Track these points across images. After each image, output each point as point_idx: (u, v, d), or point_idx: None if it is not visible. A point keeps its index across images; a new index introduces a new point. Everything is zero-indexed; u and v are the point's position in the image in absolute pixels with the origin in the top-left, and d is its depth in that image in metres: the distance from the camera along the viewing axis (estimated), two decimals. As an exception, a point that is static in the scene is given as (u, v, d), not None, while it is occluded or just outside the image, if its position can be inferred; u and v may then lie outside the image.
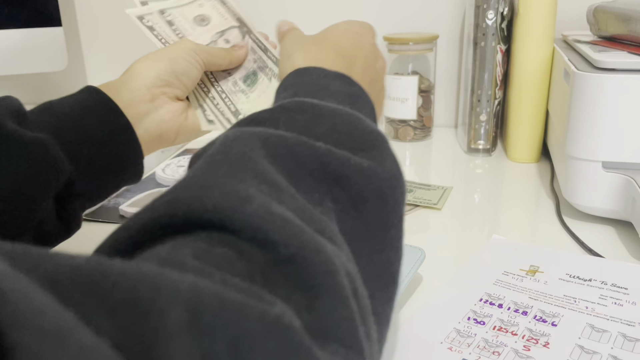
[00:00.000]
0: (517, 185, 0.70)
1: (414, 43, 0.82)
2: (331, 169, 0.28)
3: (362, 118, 0.33)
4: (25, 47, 0.79)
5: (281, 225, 0.23)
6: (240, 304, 0.19)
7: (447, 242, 0.56)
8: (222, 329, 0.18)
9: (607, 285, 0.45)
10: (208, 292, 0.19)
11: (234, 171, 0.25)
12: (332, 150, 0.29)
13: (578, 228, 0.56)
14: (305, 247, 0.23)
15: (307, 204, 0.26)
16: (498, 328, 0.41)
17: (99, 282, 0.17)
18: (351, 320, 0.23)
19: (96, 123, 0.44)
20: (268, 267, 0.22)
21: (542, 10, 0.70)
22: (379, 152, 0.31)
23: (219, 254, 0.22)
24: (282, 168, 0.27)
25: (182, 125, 0.51)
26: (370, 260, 0.28)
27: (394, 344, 0.40)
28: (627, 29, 0.58)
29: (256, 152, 0.27)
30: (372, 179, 0.29)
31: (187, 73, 0.50)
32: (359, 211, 0.29)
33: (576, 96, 0.55)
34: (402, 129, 0.86)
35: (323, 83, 0.37)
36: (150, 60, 0.49)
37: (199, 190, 0.24)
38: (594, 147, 0.55)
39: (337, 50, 0.42)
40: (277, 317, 0.19)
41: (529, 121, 0.74)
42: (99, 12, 0.99)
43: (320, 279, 0.23)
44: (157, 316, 0.17)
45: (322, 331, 0.22)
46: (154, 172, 0.75)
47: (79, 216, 0.45)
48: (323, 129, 0.31)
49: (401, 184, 0.32)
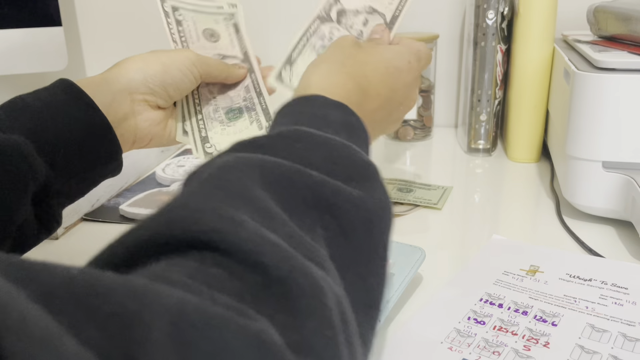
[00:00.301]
0: (517, 185, 0.70)
1: (414, 43, 0.82)
2: (323, 197, 0.30)
3: (356, 149, 0.34)
4: (25, 46, 0.79)
5: (272, 250, 0.24)
6: (222, 319, 0.20)
7: (447, 242, 0.56)
8: (203, 342, 0.19)
9: (607, 285, 0.45)
10: (193, 306, 0.19)
11: (230, 197, 0.26)
12: (325, 179, 0.30)
13: (578, 228, 0.56)
14: (295, 270, 0.24)
15: (298, 230, 0.27)
16: (498, 328, 0.41)
17: (90, 295, 0.18)
18: (335, 341, 0.24)
19: (73, 122, 0.43)
20: (258, 287, 0.23)
21: (542, 10, 0.70)
22: (370, 183, 0.33)
23: (211, 273, 0.23)
24: (276, 194, 0.28)
25: (157, 133, 0.51)
26: (355, 287, 0.29)
27: (394, 344, 0.40)
28: (627, 29, 0.58)
29: (252, 179, 0.28)
30: (362, 209, 0.31)
31: (177, 85, 0.49)
32: (348, 238, 0.30)
33: (576, 96, 0.55)
34: (402, 128, 0.86)
35: (322, 113, 0.37)
36: (142, 62, 0.48)
37: (195, 212, 0.25)
38: (594, 147, 0.55)
39: (360, 83, 0.42)
40: (258, 332, 0.20)
41: (529, 121, 0.74)
42: (99, 12, 0.99)
43: (306, 300, 0.23)
44: (143, 328, 0.18)
45: (305, 349, 0.22)
46: (154, 172, 0.75)
47: (58, 214, 0.44)
48: (318, 158, 0.32)
49: (389, 215, 0.33)
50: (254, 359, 0.19)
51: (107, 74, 0.47)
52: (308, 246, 0.27)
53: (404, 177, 0.71)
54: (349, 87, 0.42)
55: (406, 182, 0.69)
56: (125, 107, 0.47)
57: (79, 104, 0.44)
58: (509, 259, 0.50)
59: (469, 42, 0.78)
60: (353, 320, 0.27)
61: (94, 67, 1.02)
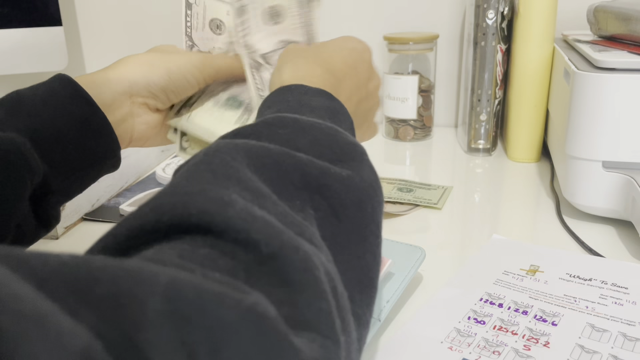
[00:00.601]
0: (517, 184, 0.70)
1: (414, 43, 0.82)
2: (312, 178, 0.30)
3: (341, 131, 0.35)
4: (25, 46, 0.79)
5: (262, 227, 0.24)
6: (216, 294, 0.20)
7: (447, 241, 0.56)
8: (199, 318, 0.19)
9: (607, 285, 0.45)
10: (186, 283, 0.19)
11: (217, 179, 0.26)
12: (312, 160, 0.30)
13: (578, 228, 0.56)
14: (285, 246, 0.24)
15: (289, 209, 0.27)
16: (498, 327, 0.41)
17: (82, 277, 0.18)
18: (328, 313, 0.24)
19: (70, 119, 0.43)
20: (250, 264, 0.23)
21: (542, 9, 0.70)
22: (357, 163, 0.33)
23: (202, 253, 0.23)
24: (265, 177, 0.28)
25: (154, 135, 0.50)
26: (349, 265, 0.29)
27: (394, 344, 0.40)
28: (627, 29, 0.58)
29: (239, 162, 0.28)
30: (351, 188, 0.31)
31: (179, 91, 0.49)
32: (339, 218, 0.30)
33: (576, 96, 0.55)
34: (402, 128, 0.86)
35: (304, 100, 0.38)
36: (148, 66, 0.47)
37: (183, 195, 0.25)
38: (594, 147, 0.55)
39: (326, 67, 0.43)
40: (252, 305, 0.20)
41: (529, 121, 0.74)
42: (100, 12, 0.99)
43: (299, 274, 0.24)
44: (137, 307, 0.18)
45: (300, 322, 0.23)
46: (154, 172, 0.75)
47: (57, 211, 0.44)
48: (304, 141, 0.32)
49: (378, 193, 0.33)
50: (250, 331, 0.20)
51: (110, 72, 0.46)
52: (299, 224, 0.27)
53: (404, 177, 0.71)
54: (319, 73, 0.42)
55: (406, 182, 0.69)
56: (125, 109, 0.46)
57: (77, 100, 0.43)
58: (509, 259, 0.50)
59: (469, 42, 0.78)
60: (345, 297, 0.27)
61: (94, 67, 1.02)
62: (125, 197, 0.67)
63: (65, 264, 0.18)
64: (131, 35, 0.99)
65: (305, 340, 0.22)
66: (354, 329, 0.27)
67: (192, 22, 0.53)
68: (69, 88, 0.44)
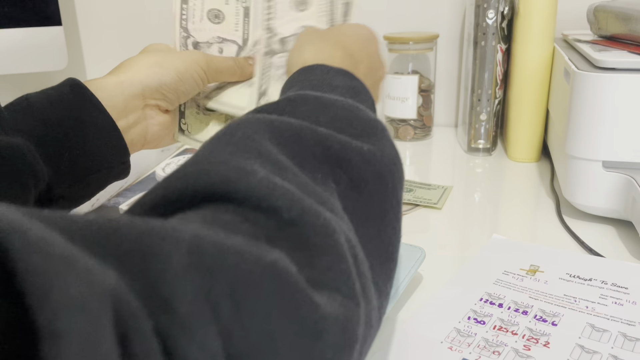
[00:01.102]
0: (517, 184, 0.70)
1: (414, 42, 0.82)
2: (333, 152, 0.30)
3: (362, 108, 0.35)
4: (25, 46, 0.79)
5: (283, 194, 0.25)
6: (238, 250, 0.20)
7: (447, 241, 0.56)
8: (221, 272, 0.19)
9: (607, 285, 0.45)
10: (209, 239, 0.20)
11: (239, 150, 0.27)
12: (333, 134, 0.31)
13: (578, 227, 0.56)
14: (306, 212, 0.24)
15: (310, 180, 0.28)
16: (498, 327, 0.41)
17: (109, 233, 0.19)
18: (349, 276, 0.25)
19: (79, 125, 0.42)
20: (271, 230, 0.24)
21: (543, 9, 0.70)
22: (378, 138, 0.33)
23: (225, 219, 0.23)
24: (286, 150, 0.29)
25: (165, 136, 0.51)
26: (369, 238, 0.30)
27: (394, 344, 0.40)
28: (627, 28, 0.58)
29: (261, 135, 0.28)
30: (372, 162, 0.31)
31: (188, 91, 0.49)
32: (360, 192, 0.30)
33: (576, 95, 0.55)
34: (402, 128, 0.86)
35: (326, 79, 0.38)
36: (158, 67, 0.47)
37: (206, 165, 0.25)
38: (594, 147, 0.55)
39: (345, 50, 0.43)
40: (272, 261, 0.21)
41: (529, 120, 0.74)
42: (99, 11, 0.99)
43: (319, 238, 0.24)
44: (162, 260, 0.18)
45: (320, 282, 0.23)
46: (154, 172, 0.75)
47: None
48: (325, 117, 0.32)
49: (399, 168, 0.33)
50: (271, 286, 0.20)
51: (121, 76, 0.46)
52: (320, 194, 0.27)
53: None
54: (340, 54, 0.42)
55: (406, 182, 0.69)
56: (138, 112, 0.46)
57: (85, 105, 0.43)
58: (509, 259, 0.50)
59: (469, 42, 0.78)
60: (366, 265, 0.28)
61: (94, 67, 1.02)
62: (125, 196, 0.67)
63: (93, 222, 0.19)
64: (131, 35, 0.99)
65: (325, 298, 0.23)
66: (375, 297, 0.28)
67: (187, 13, 0.53)
68: (78, 93, 0.43)
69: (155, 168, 0.76)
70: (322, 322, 0.22)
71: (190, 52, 0.52)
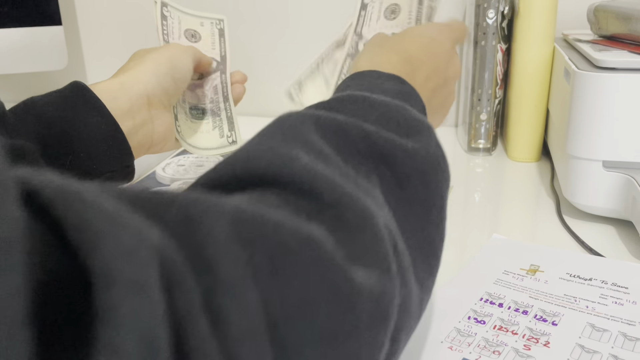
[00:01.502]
0: (517, 184, 0.70)
1: (414, 42, 0.82)
2: (377, 148, 0.30)
3: (409, 108, 0.35)
4: (25, 45, 0.79)
5: (325, 180, 0.25)
6: (277, 222, 0.22)
7: (447, 241, 0.56)
8: (261, 242, 0.21)
9: (607, 285, 0.45)
10: (250, 210, 0.21)
11: (286, 139, 0.28)
12: (379, 131, 0.31)
13: (578, 227, 0.56)
14: (346, 195, 0.25)
15: (352, 172, 0.28)
16: (498, 327, 0.41)
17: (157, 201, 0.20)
18: (385, 255, 0.25)
19: (82, 128, 0.42)
20: (311, 212, 0.25)
21: (543, 9, 0.70)
22: (424, 137, 0.33)
23: (267, 200, 0.24)
24: (331, 143, 0.29)
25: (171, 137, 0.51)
26: (412, 233, 0.30)
27: (394, 344, 0.39)
28: (627, 28, 0.58)
29: (307, 127, 0.29)
30: (416, 160, 0.31)
31: (184, 79, 0.49)
32: (403, 189, 0.31)
33: (577, 95, 0.55)
34: (402, 128, 0.86)
35: (377, 83, 0.39)
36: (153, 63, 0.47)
37: (254, 152, 0.26)
38: (595, 147, 0.55)
39: (402, 55, 0.43)
40: (309, 234, 0.22)
41: (529, 120, 0.74)
42: (99, 11, 0.99)
43: (358, 220, 0.25)
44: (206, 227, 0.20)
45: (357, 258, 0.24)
46: (154, 172, 0.75)
47: None
48: (372, 115, 0.33)
49: (444, 168, 0.34)
50: (307, 257, 0.21)
51: (123, 77, 0.46)
52: (361, 184, 0.28)
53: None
54: (394, 60, 0.42)
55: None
56: (144, 113, 0.47)
57: (89, 109, 0.43)
58: (509, 259, 0.50)
59: (469, 42, 0.78)
60: (406, 253, 0.28)
61: (93, 67, 1.02)
62: (125, 196, 0.67)
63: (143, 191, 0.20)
64: (131, 35, 0.99)
65: (360, 272, 0.23)
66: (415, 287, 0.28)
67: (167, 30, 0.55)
68: (81, 96, 0.43)
69: (156, 168, 0.76)
70: (356, 293, 0.23)
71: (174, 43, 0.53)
